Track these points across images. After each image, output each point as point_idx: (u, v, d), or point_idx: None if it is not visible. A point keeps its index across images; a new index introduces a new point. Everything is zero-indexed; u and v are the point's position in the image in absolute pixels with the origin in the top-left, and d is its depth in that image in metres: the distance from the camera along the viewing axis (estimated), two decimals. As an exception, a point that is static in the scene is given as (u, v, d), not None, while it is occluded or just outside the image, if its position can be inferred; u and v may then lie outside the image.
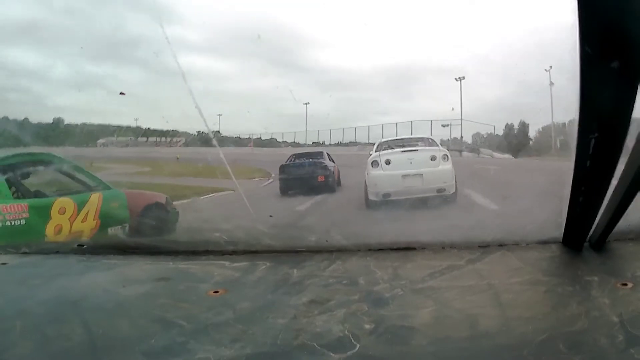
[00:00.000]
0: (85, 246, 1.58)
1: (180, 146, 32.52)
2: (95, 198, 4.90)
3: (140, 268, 1.38)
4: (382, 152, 8.06)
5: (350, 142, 31.51)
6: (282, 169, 11.40)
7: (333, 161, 12.01)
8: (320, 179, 10.54)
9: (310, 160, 11.75)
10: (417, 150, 8.13)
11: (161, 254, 1.47)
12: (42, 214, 4.44)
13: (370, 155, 8.24)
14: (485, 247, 1.26)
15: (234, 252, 1.41)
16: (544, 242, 1.24)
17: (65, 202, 4.65)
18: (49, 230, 4.47)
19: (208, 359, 0.75)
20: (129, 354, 0.80)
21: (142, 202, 5.46)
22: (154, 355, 0.78)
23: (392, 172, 7.52)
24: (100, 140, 31.21)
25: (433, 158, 7.65)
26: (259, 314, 0.92)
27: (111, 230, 4.94)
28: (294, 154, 12.85)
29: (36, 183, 5.07)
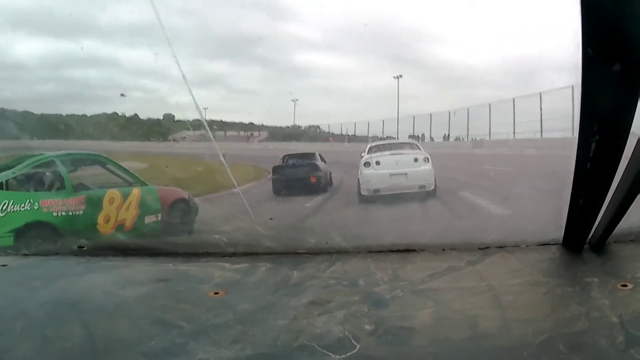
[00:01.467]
0: (85, 248, 1.58)
1: (259, 141, 32.08)
2: (135, 191, 5.76)
3: (140, 269, 1.38)
4: (373, 155, 9.36)
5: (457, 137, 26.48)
6: (275, 170, 11.46)
7: (325, 162, 12.17)
8: (313, 179, 10.62)
9: (303, 161, 11.80)
10: (403, 153, 9.49)
11: (161, 255, 1.47)
12: (96, 204, 5.22)
13: (362, 157, 9.53)
14: (485, 248, 1.26)
15: (233, 254, 1.41)
16: (544, 244, 1.24)
17: (114, 194, 5.52)
18: (100, 219, 5.22)
19: (208, 359, 0.75)
20: (129, 356, 0.80)
21: (171, 197, 6.30)
22: (154, 357, 0.78)
23: (381, 171, 8.85)
24: (172, 136, 31.57)
25: (416, 160, 9.03)
26: (259, 315, 0.92)
27: (147, 219, 5.80)
28: (287, 155, 12.73)
29: (88, 178, 5.88)
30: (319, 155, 12.45)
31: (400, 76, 29.15)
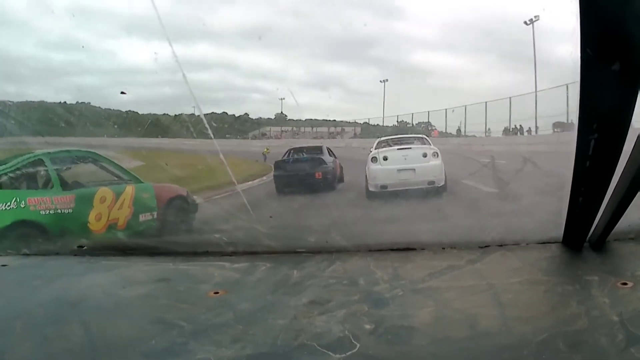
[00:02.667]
0: (85, 247, 1.58)
1: (350, 137, 31.03)
2: (129, 189, 5.56)
3: (140, 269, 1.38)
4: (380, 150, 9.03)
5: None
6: (277, 165, 10.51)
7: (334, 156, 11.25)
8: (318, 175, 9.79)
9: (308, 155, 10.93)
10: (411, 148, 9.13)
11: (161, 255, 1.47)
12: (87, 203, 5.04)
13: (370, 152, 9.11)
14: (485, 247, 1.26)
15: (233, 253, 1.41)
16: (544, 242, 1.24)
17: (106, 192, 5.31)
18: (91, 217, 5.06)
19: (208, 359, 0.75)
20: (129, 355, 0.80)
21: (168, 194, 6.09)
22: (154, 356, 0.78)
23: (389, 167, 8.52)
24: (252, 132, 31.88)
25: (424, 155, 8.65)
26: (259, 314, 0.92)
27: (142, 217, 5.59)
28: (292, 149, 11.85)
29: (81, 175, 5.69)
30: (328, 149, 11.62)
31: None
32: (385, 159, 8.65)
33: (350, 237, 1.47)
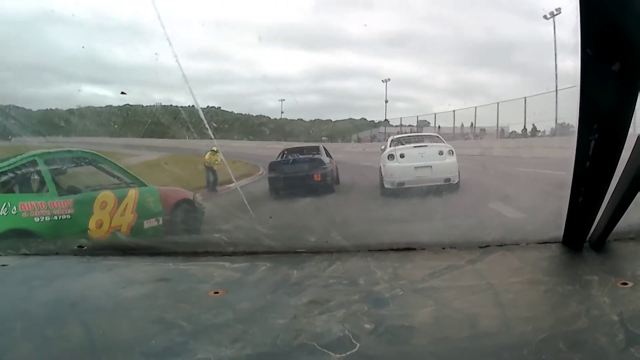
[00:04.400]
0: (85, 247, 1.58)
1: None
2: (132, 193, 5.22)
3: (140, 269, 1.38)
4: (397, 147, 9.13)
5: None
6: (272, 166, 9.74)
7: (330, 157, 10.69)
8: (316, 177, 9.13)
9: (304, 156, 10.31)
10: (427, 146, 9.26)
11: (161, 254, 1.47)
12: (86, 208, 4.70)
13: (385, 150, 9.28)
14: (485, 247, 1.26)
15: (233, 253, 1.41)
16: (544, 242, 1.24)
17: (107, 196, 4.93)
18: (92, 224, 4.71)
19: (208, 359, 0.75)
20: (129, 355, 0.80)
21: (174, 198, 5.80)
22: (154, 356, 0.78)
23: (406, 164, 8.60)
24: (354, 135, 31.71)
25: (441, 152, 8.76)
26: (259, 314, 0.92)
27: (147, 223, 5.24)
28: (287, 149, 11.24)
29: (78, 178, 5.36)
30: (325, 148, 11.06)
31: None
32: (402, 156, 8.74)
33: (350, 237, 1.47)
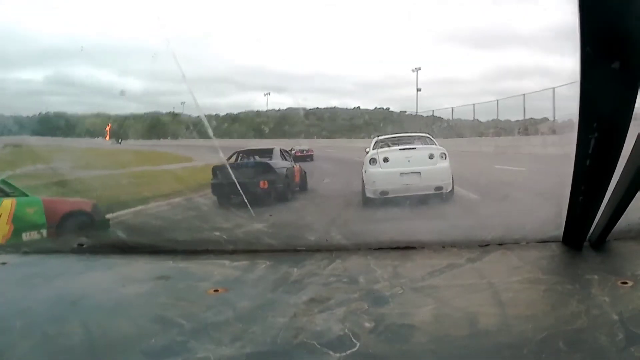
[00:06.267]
0: (85, 245, 1.58)
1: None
2: (7, 203, 4.92)
3: (140, 267, 1.38)
4: (380, 150, 7.94)
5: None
6: (215, 171, 8.47)
7: (288, 160, 9.81)
8: (262, 185, 8.18)
9: (254, 160, 9.39)
10: (415, 148, 8.07)
11: (161, 253, 1.47)
12: None
13: (367, 152, 8.13)
14: (485, 246, 1.26)
15: (234, 251, 1.41)
16: (544, 241, 1.24)
17: None
18: None
19: (208, 358, 0.75)
20: (129, 353, 0.80)
21: (62, 209, 5.45)
22: (154, 355, 0.78)
23: (390, 170, 7.44)
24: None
25: (431, 156, 7.61)
26: (259, 312, 0.92)
27: (26, 236, 4.93)
28: (240, 152, 10.16)
29: None
30: (281, 151, 9.98)
31: None
32: (386, 160, 7.58)
33: (350, 236, 1.47)
